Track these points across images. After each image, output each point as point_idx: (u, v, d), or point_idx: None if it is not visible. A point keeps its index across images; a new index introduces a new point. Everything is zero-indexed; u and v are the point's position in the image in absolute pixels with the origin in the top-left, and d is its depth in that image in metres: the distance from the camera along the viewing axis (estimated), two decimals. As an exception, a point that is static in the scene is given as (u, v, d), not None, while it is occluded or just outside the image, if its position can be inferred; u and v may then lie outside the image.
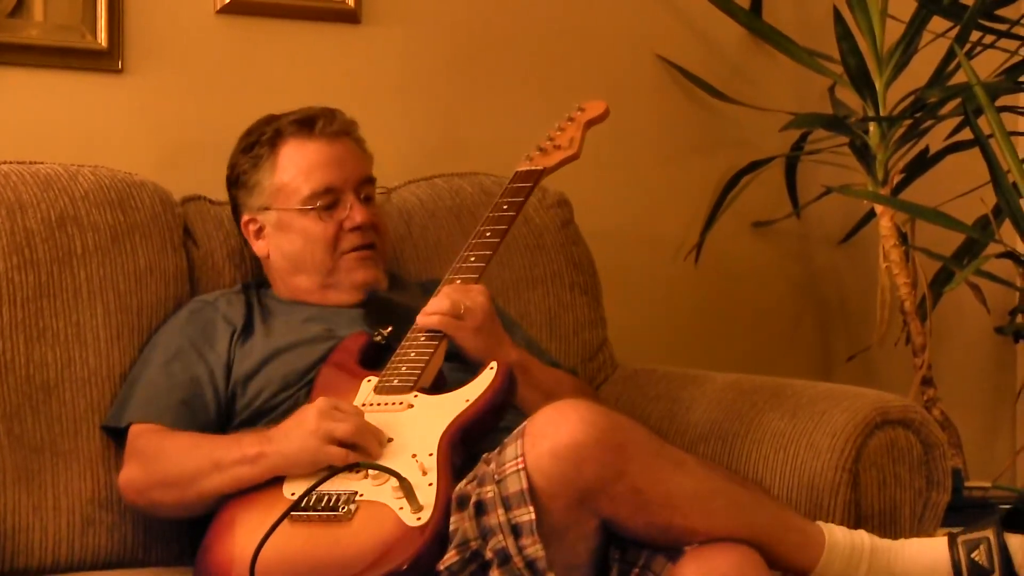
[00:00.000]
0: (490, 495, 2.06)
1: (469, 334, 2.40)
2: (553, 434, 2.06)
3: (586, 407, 2.09)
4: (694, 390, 2.77)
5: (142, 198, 2.62)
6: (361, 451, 2.20)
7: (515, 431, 2.11)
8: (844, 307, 3.57)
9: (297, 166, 2.55)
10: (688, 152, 3.41)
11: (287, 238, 2.57)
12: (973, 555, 2.15)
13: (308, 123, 2.56)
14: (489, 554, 2.05)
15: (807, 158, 3.43)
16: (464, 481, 2.12)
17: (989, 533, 2.16)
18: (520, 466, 2.06)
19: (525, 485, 2.04)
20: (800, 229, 3.52)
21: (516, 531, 2.04)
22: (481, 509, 2.06)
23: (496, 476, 2.07)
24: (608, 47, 3.31)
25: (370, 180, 2.61)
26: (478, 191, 2.95)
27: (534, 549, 2.03)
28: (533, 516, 2.03)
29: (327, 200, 2.54)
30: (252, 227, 2.60)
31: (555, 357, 2.79)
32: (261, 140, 2.57)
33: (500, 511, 2.04)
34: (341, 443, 2.21)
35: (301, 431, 2.23)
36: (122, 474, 2.42)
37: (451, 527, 2.09)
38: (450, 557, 2.07)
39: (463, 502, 2.09)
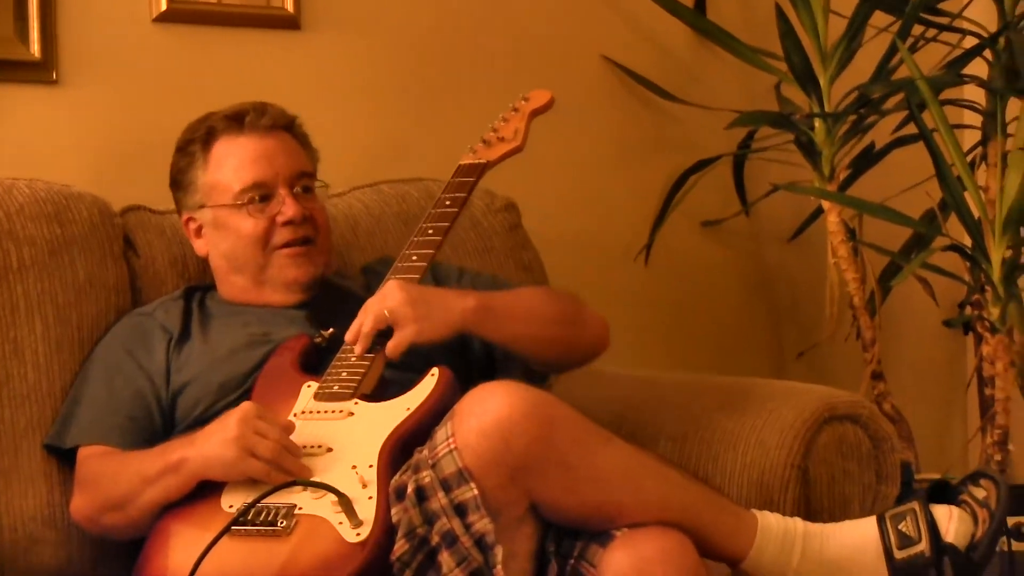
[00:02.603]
0: (427, 480, 2.05)
1: (413, 329, 2.33)
2: (480, 412, 2.05)
3: (513, 385, 2.09)
4: (644, 392, 2.77)
5: (79, 210, 2.59)
6: (281, 470, 2.17)
7: (446, 415, 2.10)
8: (794, 304, 3.58)
9: (228, 162, 2.52)
10: (636, 153, 3.40)
11: (221, 236, 2.54)
12: (900, 527, 2.16)
13: (238, 118, 2.53)
14: (435, 538, 2.04)
15: (755, 156, 3.44)
16: (399, 472, 2.10)
17: (915, 505, 2.17)
18: (452, 446, 2.05)
19: (461, 464, 2.03)
20: (749, 227, 3.52)
21: (460, 511, 2.03)
22: (422, 495, 2.05)
23: (430, 460, 2.06)
24: (554, 49, 3.30)
25: (306, 174, 2.56)
26: (424, 196, 2.93)
27: (482, 524, 2.02)
28: (476, 492, 2.02)
29: (257, 195, 2.50)
30: (192, 226, 2.58)
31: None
32: (195, 138, 2.55)
33: (440, 494, 2.03)
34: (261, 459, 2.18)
35: (221, 437, 2.20)
36: (72, 504, 2.40)
37: (394, 518, 2.07)
38: (400, 547, 2.05)
39: (400, 493, 2.07)
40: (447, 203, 2.53)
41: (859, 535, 2.20)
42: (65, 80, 2.82)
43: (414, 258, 2.46)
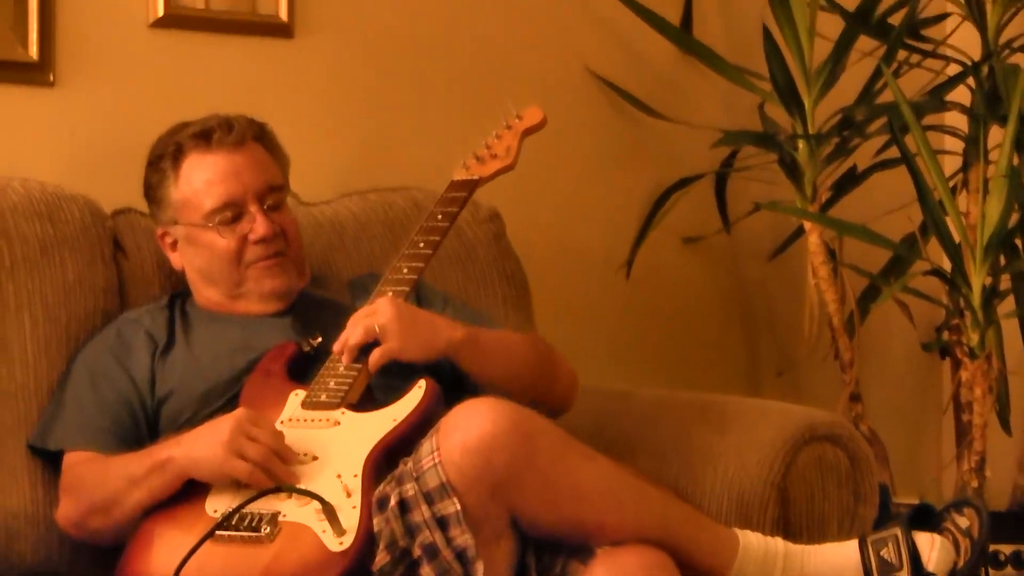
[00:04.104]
0: (411, 493, 2.07)
1: (397, 345, 2.36)
2: (465, 428, 2.07)
3: (497, 402, 2.11)
4: (622, 406, 2.78)
5: (72, 211, 2.61)
6: (267, 475, 2.19)
7: (432, 428, 2.12)
8: (773, 323, 3.59)
9: (197, 181, 2.51)
10: (618, 167, 3.41)
11: (195, 252, 2.54)
12: (881, 552, 2.18)
13: (205, 136, 2.52)
14: (417, 551, 2.06)
15: (737, 174, 3.45)
16: (383, 483, 2.13)
17: (897, 531, 2.18)
18: (436, 460, 2.07)
19: (444, 478, 2.05)
20: (730, 245, 3.53)
21: (442, 524, 2.05)
22: (405, 507, 2.07)
23: (414, 473, 2.08)
24: (538, 60, 3.30)
25: (276, 188, 2.55)
26: (410, 205, 2.95)
27: (464, 539, 2.04)
28: (458, 507, 2.05)
29: (229, 215, 2.50)
30: (167, 240, 2.59)
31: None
32: (165, 154, 2.54)
33: (423, 507, 2.06)
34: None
35: (212, 439, 2.22)
36: (58, 511, 2.40)
37: (375, 528, 2.09)
38: (381, 559, 2.08)
39: (383, 503, 2.09)
40: (439, 217, 2.55)
41: (840, 558, 2.22)
42: (62, 82, 2.82)
43: (405, 271, 2.48)
